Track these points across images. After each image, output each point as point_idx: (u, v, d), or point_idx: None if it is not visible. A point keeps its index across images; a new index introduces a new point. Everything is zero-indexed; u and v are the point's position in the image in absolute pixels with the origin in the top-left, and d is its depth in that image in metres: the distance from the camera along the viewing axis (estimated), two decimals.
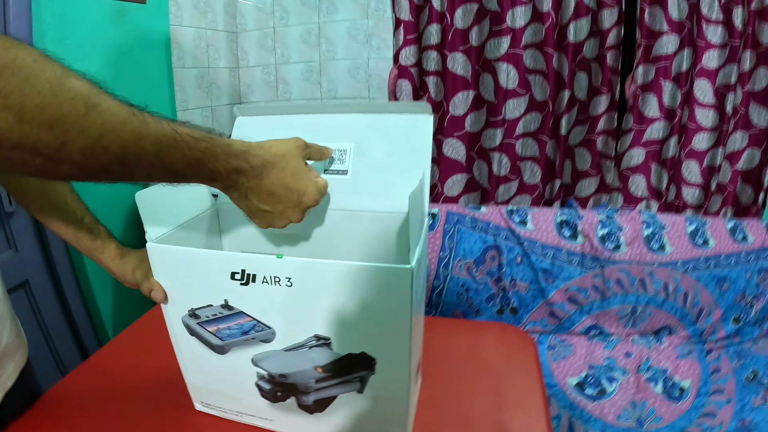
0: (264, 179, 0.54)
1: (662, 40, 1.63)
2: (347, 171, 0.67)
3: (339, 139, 0.68)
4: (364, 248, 0.67)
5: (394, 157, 0.65)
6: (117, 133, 0.40)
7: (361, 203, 0.66)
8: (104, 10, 1.40)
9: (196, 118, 1.86)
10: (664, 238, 1.60)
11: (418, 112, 0.66)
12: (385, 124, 0.67)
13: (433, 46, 1.76)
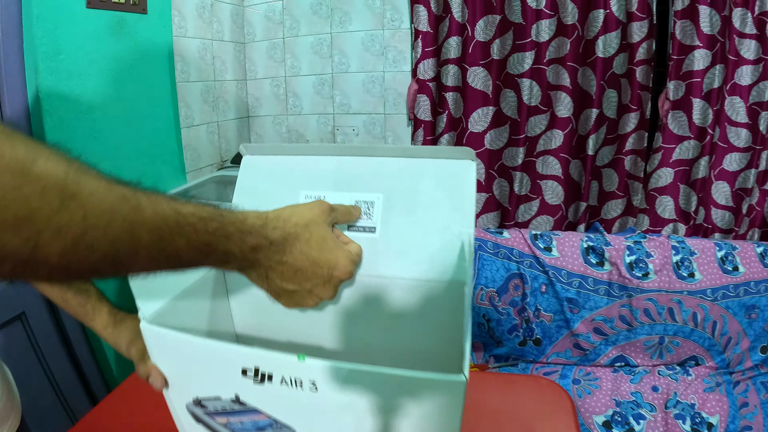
0: (286, 255, 0.45)
1: (693, 55, 1.54)
2: (375, 228, 0.57)
3: (365, 188, 0.58)
4: (398, 328, 0.57)
5: (432, 212, 0.55)
6: (104, 227, 0.31)
7: (393, 268, 0.56)
8: (102, 22, 1.32)
9: (202, 134, 1.77)
10: (694, 265, 1.53)
11: (458, 157, 0.56)
12: (420, 171, 0.57)
13: (452, 60, 1.67)
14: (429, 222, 0.55)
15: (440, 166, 0.56)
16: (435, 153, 0.57)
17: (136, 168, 1.48)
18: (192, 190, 1.58)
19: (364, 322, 0.59)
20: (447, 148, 0.55)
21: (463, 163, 0.55)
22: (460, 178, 0.55)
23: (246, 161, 0.64)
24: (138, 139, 1.48)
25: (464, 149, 0.54)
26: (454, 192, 0.54)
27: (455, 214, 0.54)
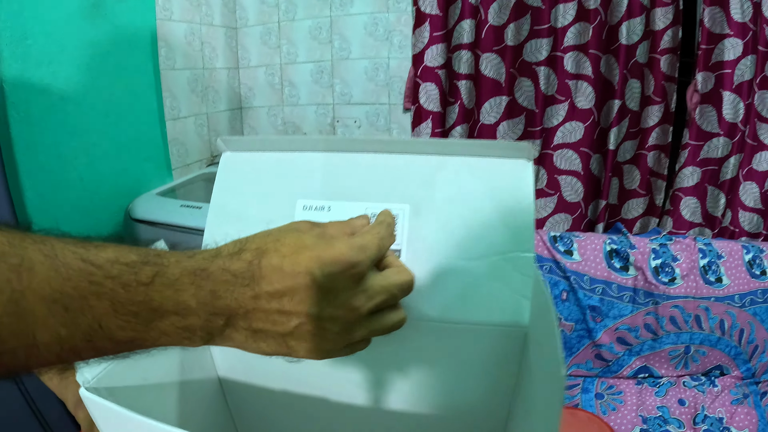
0: (259, 284, 0.31)
1: (724, 44, 1.43)
2: (400, 252, 0.43)
3: (384, 197, 0.44)
4: (425, 383, 0.44)
5: (475, 230, 0.42)
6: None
7: (423, 306, 0.42)
8: (75, 3, 1.19)
9: (189, 127, 1.63)
10: (721, 269, 1.45)
11: (509, 155, 0.42)
12: (459, 173, 0.43)
13: (465, 45, 1.53)
14: (471, 243, 0.41)
15: (486, 166, 0.42)
16: (478, 149, 0.43)
17: (116, 165, 1.35)
18: (179, 189, 1.45)
19: (381, 372, 0.45)
20: (495, 143, 0.41)
21: (517, 163, 0.41)
22: (514, 183, 0.41)
23: (226, 160, 0.49)
24: (117, 133, 1.35)
25: (519, 144, 0.40)
26: (505, 202, 0.41)
27: (507, 232, 0.40)
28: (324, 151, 0.47)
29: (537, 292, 0.36)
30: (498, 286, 0.40)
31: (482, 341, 0.41)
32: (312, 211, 0.46)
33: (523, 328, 0.39)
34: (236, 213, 0.48)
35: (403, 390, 0.47)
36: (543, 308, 0.32)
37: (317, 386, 0.50)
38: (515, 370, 0.41)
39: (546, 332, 0.30)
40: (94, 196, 1.29)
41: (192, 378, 0.48)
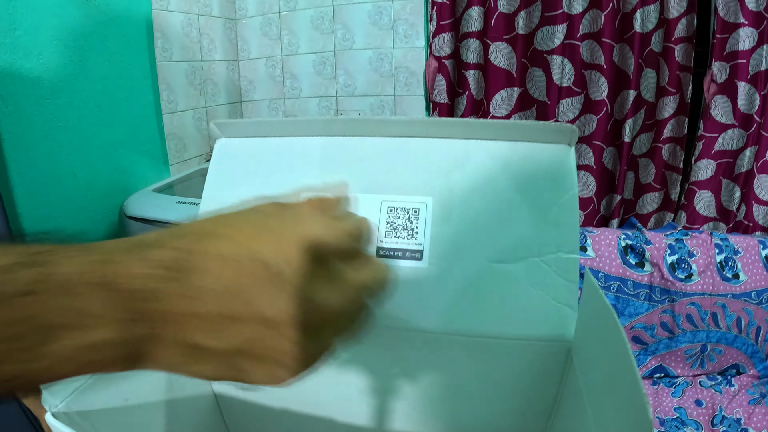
0: (194, 276, 0.22)
1: (738, 33, 1.38)
2: (422, 252, 0.37)
3: (403, 188, 0.39)
4: (449, 404, 0.38)
5: (510, 226, 0.36)
6: None
7: (449, 317, 0.36)
8: None
9: (187, 121, 1.58)
10: (738, 265, 1.40)
11: (548, 139, 0.36)
12: (490, 160, 0.37)
13: (473, 34, 1.47)
14: (505, 242, 0.35)
15: (521, 153, 0.36)
16: (511, 132, 0.37)
17: (110, 161, 1.30)
18: (177, 185, 1.39)
19: (392, 392, 0.39)
20: (531, 125, 0.35)
21: (557, 149, 0.35)
22: (554, 172, 0.35)
23: (221, 146, 0.44)
24: (111, 127, 1.29)
25: (559, 126, 0.34)
26: (544, 194, 0.35)
27: (548, 229, 0.35)
28: (331, 135, 0.41)
29: (588, 300, 0.30)
30: (537, 293, 0.34)
31: (517, 358, 0.35)
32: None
33: (566, 343, 0.34)
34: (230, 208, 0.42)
35: (418, 412, 0.41)
36: (600, 320, 0.26)
37: (322, 406, 0.44)
38: (554, 390, 0.36)
39: (608, 352, 0.24)
40: (87, 192, 1.24)
41: (183, 395, 0.42)
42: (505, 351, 0.36)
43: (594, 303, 0.28)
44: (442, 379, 0.39)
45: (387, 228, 0.38)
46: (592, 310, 0.28)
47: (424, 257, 0.37)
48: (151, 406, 0.37)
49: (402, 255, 0.37)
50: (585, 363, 0.30)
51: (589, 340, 0.29)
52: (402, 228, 0.38)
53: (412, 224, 0.38)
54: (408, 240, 0.38)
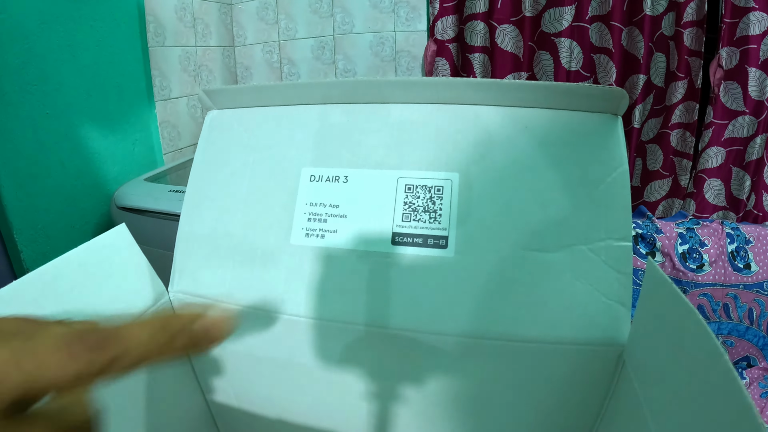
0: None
1: (748, 18, 1.33)
2: (446, 239, 0.32)
3: (422, 163, 0.33)
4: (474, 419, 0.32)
5: (549, 208, 0.31)
6: None
7: (479, 318, 0.30)
8: None
9: (181, 109, 1.53)
10: (749, 255, 1.36)
11: (591, 108, 0.31)
12: (525, 128, 0.32)
13: (478, 15, 1.42)
14: (545, 227, 0.30)
15: (561, 121, 0.31)
16: (551, 98, 0.32)
17: (101, 149, 1.25)
18: (170, 174, 1.34)
19: (411, 405, 0.34)
20: (573, 87, 0.29)
21: (603, 118, 0.30)
22: (600, 144, 0.30)
23: (212, 119, 0.39)
24: (101, 114, 1.24)
25: (606, 90, 0.29)
26: (589, 171, 0.30)
27: (595, 211, 0.29)
28: (337, 102, 0.35)
29: (654, 296, 0.25)
30: (583, 287, 0.29)
31: (557, 366, 0.30)
32: (322, 183, 0.35)
33: (618, 348, 0.29)
34: (222, 189, 0.37)
35: (436, 428, 0.36)
36: (673, 321, 0.22)
37: (322, 418, 0.39)
38: (599, 404, 0.31)
39: (690, 363, 0.19)
40: (76, 182, 1.19)
41: (171, 403, 0.37)
42: (543, 357, 0.30)
43: (663, 300, 0.23)
44: (466, 391, 0.33)
45: (405, 210, 0.33)
46: (660, 309, 0.24)
47: (449, 244, 0.32)
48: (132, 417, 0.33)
49: (423, 242, 0.32)
50: (646, 373, 0.25)
51: (654, 346, 0.24)
52: (423, 210, 0.33)
53: (434, 205, 0.33)
54: (430, 224, 0.32)
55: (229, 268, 0.36)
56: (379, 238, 0.33)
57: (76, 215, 1.20)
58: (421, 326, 0.32)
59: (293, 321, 0.35)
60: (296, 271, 0.35)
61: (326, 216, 0.35)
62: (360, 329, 0.33)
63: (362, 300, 0.34)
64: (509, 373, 0.31)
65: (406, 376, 0.34)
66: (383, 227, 0.34)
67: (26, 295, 0.26)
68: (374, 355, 0.34)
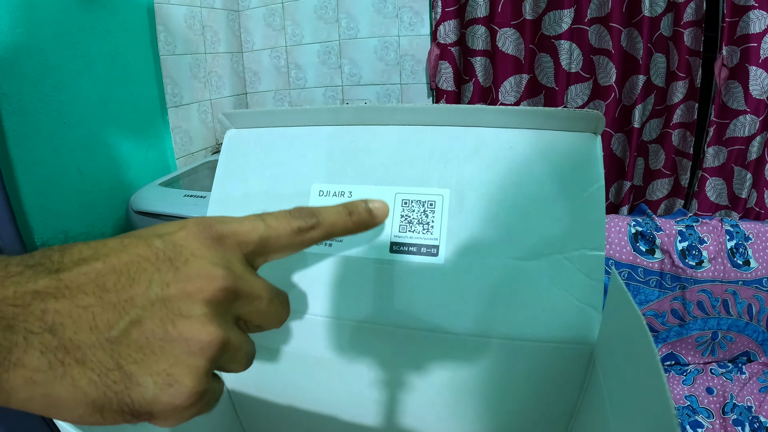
0: (78, 262, 0.20)
1: (749, 16, 1.34)
2: (438, 248, 0.36)
3: (417, 180, 0.37)
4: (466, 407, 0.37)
5: (532, 221, 0.35)
6: None
7: (466, 318, 0.35)
8: None
9: (193, 114, 1.57)
10: (749, 252, 1.39)
11: (572, 127, 0.35)
12: (510, 149, 0.36)
13: (479, 20, 1.45)
14: (526, 238, 0.34)
15: (544, 141, 0.35)
16: (533, 119, 0.35)
17: (116, 156, 1.29)
18: (183, 178, 1.38)
19: (410, 392, 0.39)
20: (554, 112, 0.33)
21: (583, 137, 0.34)
22: (579, 162, 0.34)
23: (230, 137, 0.43)
24: (116, 122, 1.28)
25: (584, 113, 0.33)
26: (568, 186, 0.34)
27: (572, 224, 0.33)
28: (343, 124, 0.40)
29: (614, 302, 0.29)
30: (559, 292, 0.33)
31: (537, 360, 0.34)
32: (329, 197, 0.39)
33: (589, 346, 0.32)
34: (241, 202, 0.41)
35: (432, 416, 0.40)
36: (626, 325, 0.25)
37: (334, 405, 0.43)
38: (575, 396, 0.35)
39: (634, 360, 0.23)
40: (93, 188, 1.24)
41: None
42: (524, 353, 0.34)
43: (620, 306, 0.27)
44: (455, 382, 0.37)
45: (401, 222, 0.37)
46: (619, 314, 0.27)
47: (440, 253, 0.36)
48: None
49: (417, 250, 0.36)
50: (608, 368, 0.29)
51: (614, 345, 0.28)
52: (417, 222, 0.37)
53: (427, 218, 0.37)
54: (423, 234, 0.36)
55: None
56: (379, 246, 0.38)
57: (93, 219, 1.25)
58: (417, 324, 0.36)
59: (307, 318, 0.39)
60: (308, 275, 0.40)
61: None
62: (364, 326, 0.38)
63: (365, 300, 0.38)
64: (493, 367, 0.35)
65: (404, 365, 0.38)
66: (383, 237, 0.38)
67: None
68: (377, 348, 0.38)
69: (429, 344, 0.36)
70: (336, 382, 0.41)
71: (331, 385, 0.42)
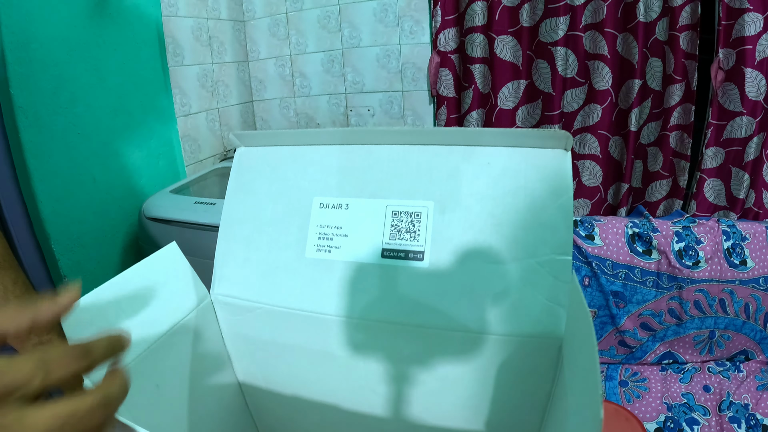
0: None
1: (744, 19, 1.36)
2: (423, 253, 0.40)
3: (406, 193, 0.42)
4: (448, 395, 0.41)
5: (507, 229, 0.39)
6: None
7: (448, 315, 0.39)
8: (79, 4, 1.16)
9: (201, 123, 1.62)
10: (746, 251, 1.40)
11: (544, 144, 0.39)
12: (488, 165, 0.40)
13: (477, 28, 1.49)
14: (503, 245, 0.38)
15: (518, 158, 0.39)
16: (509, 138, 0.40)
17: (128, 164, 1.33)
18: (193, 185, 1.43)
19: (402, 384, 0.43)
20: (527, 132, 0.37)
21: (554, 154, 0.38)
22: (550, 176, 0.38)
23: (240, 155, 0.47)
24: (128, 132, 1.33)
25: (554, 133, 0.37)
26: (540, 198, 0.38)
27: (543, 231, 0.37)
28: (341, 144, 0.44)
29: (574, 300, 0.33)
30: (531, 292, 0.37)
31: (513, 353, 0.38)
32: (329, 209, 0.44)
33: (558, 340, 0.36)
34: (251, 213, 0.46)
35: (425, 402, 0.45)
36: (580, 320, 0.29)
37: (338, 395, 0.48)
38: (548, 385, 0.39)
39: (583, 350, 0.27)
40: (107, 196, 1.28)
41: (209, 384, 0.46)
42: (501, 347, 0.39)
43: (576, 303, 0.31)
44: (440, 373, 0.42)
45: (391, 231, 0.42)
46: (575, 311, 0.31)
47: (425, 258, 0.40)
48: (180, 392, 0.42)
49: (405, 256, 0.41)
50: (569, 359, 0.33)
51: (572, 339, 0.32)
52: (405, 231, 0.41)
53: (414, 227, 0.41)
54: (410, 242, 0.41)
55: (258, 275, 0.45)
56: (372, 252, 0.42)
57: (107, 225, 1.29)
58: (405, 319, 0.41)
59: (308, 316, 0.44)
60: (310, 278, 0.44)
61: (332, 235, 0.44)
62: (356, 322, 0.43)
63: (359, 299, 0.43)
64: (474, 359, 0.40)
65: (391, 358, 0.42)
66: (375, 244, 0.42)
67: (107, 298, 0.36)
68: (367, 339, 0.43)
69: (414, 339, 0.41)
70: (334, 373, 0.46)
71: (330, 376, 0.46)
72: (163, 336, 0.41)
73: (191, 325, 0.45)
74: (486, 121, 1.58)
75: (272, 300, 0.45)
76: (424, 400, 0.43)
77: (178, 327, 0.43)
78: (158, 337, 0.40)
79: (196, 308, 0.45)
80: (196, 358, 0.45)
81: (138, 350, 0.38)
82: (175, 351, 0.43)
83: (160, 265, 0.41)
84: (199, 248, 0.68)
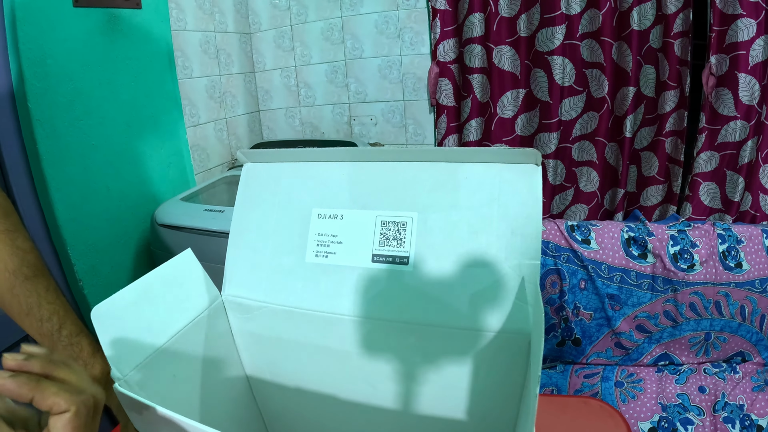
0: None
1: (737, 25, 1.38)
2: (408, 258, 0.45)
3: (393, 204, 0.47)
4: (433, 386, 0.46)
5: (482, 237, 0.44)
6: None
7: (430, 312, 0.44)
8: (92, 21, 1.21)
9: (209, 133, 1.68)
10: (741, 254, 1.42)
11: (517, 160, 0.44)
12: (466, 180, 0.45)
13: (476, 39, 1.53)
14: (478, 250, 0.43)
15: (493, 173, 0.44)
16: (486, 155, 0.45)
17: (140, 174, 1.39)
18: (202, 193, 1.48)
19: (392, 375, 0.48)
20: (501, 150, 0.43)
21: (525, 168, 0.43)
22: (521, 189, 0.43)
23: (247, 170, 0.53)
24: (140, 143, 1.38)
25: (526, 150, 0.41)
26: (512, 208, 0.43)
27: (515, 239, 0.42)
28: (337, 161, 0.50)
29: (536, 300, 0.38)
30: (502, 293, 0.42)
31: (490, 347, 0.43)
32: (326, 219, 0.49)
33: (527, 335, 0.41)
34: (257, 223, 0.51)
35: (422, 395, 0.49)
36: (538, 317, 0.34)
37: (336, 386, 0.53)
38: (521, 377, 0.43)
39: (536, 342, 0.32)
40: (120, 204, 1.33)
41: (220, 376, 0.52)
42: (480, 342, 0.43)
43: (537, 303, 0.36)
44: (423, 365, 0.47)
45: (380, 238, 0.47)
46: (537, 309, 0.36)
47: (410, 262, 0.45)
48: (193, 383, 0.47)
49: (392, 261, 0.46)
50: (533, 351, 0.37)
51: (534, 332, 0.37)
52: (392, 238, 0.47)
53: (400, 235, 0.46)
54: (397, 248, 0.46)
55: (264, 278, 0.51)
56: (364, 257, 0.48)
57: (120, 232, 1.34)
58: (392, 316, 0.46)
59: (309, 314, 0.50)
60: (310, 280, 0.50)
61: (329, 242, 0.49)
62: (350, 319, 0.48)
63: (352, 299, 0.48)
64: (453, 353, 0.45)
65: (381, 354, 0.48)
66: (366, 250, 0.48)
67: (132, 298, 0.41)
68: (360, 335, 0.49)
69: (400, 334, 0.46)
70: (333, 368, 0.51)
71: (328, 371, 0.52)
72: (179, 332, 0.46)
73: (204, 323, 0.50)
74: (485, 130, 1.62)
75: (277, 300, 0.51)
76: (421, 393, 0.49)
77: (193, 324, 0.48)
78: (175, 332, 0.46)
79: (209, 308, 0.51)
80: (208, 352, 0.50)
81: (158, 344, 0.43)
82: (190, 345, 0.48)
83: (177, 269, 0.47)
84: (209, 253, 0.73)
